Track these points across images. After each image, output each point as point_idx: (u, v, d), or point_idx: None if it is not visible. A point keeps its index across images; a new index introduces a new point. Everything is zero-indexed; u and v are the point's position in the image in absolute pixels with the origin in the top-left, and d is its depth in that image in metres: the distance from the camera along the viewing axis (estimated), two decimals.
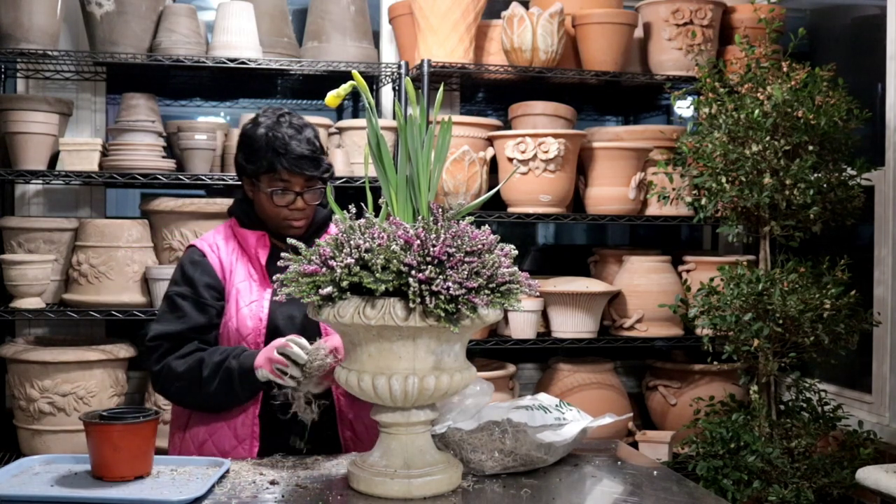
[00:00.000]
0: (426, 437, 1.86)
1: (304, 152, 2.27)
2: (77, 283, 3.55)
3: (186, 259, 2.35)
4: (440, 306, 1.66)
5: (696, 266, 3.94)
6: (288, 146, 2.26)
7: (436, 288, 1.66)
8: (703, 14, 3.94)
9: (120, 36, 3.56)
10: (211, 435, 2.26)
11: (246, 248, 2.35)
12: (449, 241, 1.70)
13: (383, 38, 4.24)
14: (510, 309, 1.77)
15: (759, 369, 3.30)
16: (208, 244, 2.36)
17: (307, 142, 2.29)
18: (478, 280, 1.69)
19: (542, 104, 4.01)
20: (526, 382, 4.24)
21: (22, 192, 3.93)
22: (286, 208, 2.30)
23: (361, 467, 1.85)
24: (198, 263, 2.32)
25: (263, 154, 2.27)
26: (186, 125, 3.65)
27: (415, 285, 1.67)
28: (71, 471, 1.91)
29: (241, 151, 2.35)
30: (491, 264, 1.73)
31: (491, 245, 1.77)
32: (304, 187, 2.29)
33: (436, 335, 1.74)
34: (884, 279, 3.58)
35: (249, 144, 2.32)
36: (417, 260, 1.68)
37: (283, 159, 2.25)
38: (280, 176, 2.27)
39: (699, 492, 1.94)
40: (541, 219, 3.85)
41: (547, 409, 2.09)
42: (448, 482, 1.83)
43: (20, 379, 3.44)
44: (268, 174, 2.28)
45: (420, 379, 1.75)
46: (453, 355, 1.80)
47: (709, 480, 3.22)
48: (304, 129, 2.32)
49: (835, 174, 3.30)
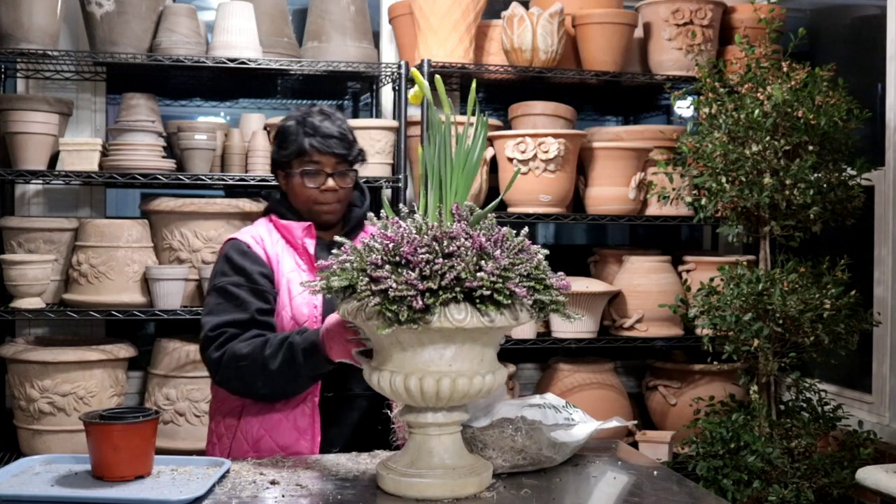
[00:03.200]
0: (459, 438, 1.85)
1: (334, 132, 2.33)
2: (77, 283, 3.55)
3: (232, 250, 2.33)
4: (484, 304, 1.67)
5: (696, 266, 3.94)
6: (318, 128, 2.32)
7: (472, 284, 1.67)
8: (703, 14, 3.94)
9: (120, 36, 3.56)
10: (269, 430, 2.24)
11: (291, 240, 2.34)
12: (484, 241, 1.71)
13: (383, 38, 4.24)
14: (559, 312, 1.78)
15: (759, 369, 3.30)
16: (251, 236, 2.36)
17: (337, 126, 2.35)
18: (517, 276, 1.70)
19: (542, 104, 4.01)
20: (526, 382, 4.24)
21: (22, 192, 3.93)
22: (318, 190, 2.32)
23: (390, 468, 1.85)
24: (246, 254, 2.31)
25: (294, 138, 2.33)
26: (186, 125, 3.65)
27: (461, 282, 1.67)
28: (71, 471, 1.91)
29: (275, 144, 2.40)
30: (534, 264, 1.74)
31: (525, 246, 1.77)
32: (335, 169, 2.33)
33: (469, 336, 1.73)
34: (884, 279, 3.58)
35: (282, 134, 2.38)
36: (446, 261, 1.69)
37: (312, 139, 2.31)
38: (311, 157, 2.32)
39: (699, 492, 1.94)
40: (541, 219, 3.85)
41: (557, 409, 2.09)
42: (479, 483, 1.81)
43: (20, 379, 3.44)
44: (298, 157, 2.33)
45: (453, 380, 1.74)
46: (487, 356, 1.79)
47: (709, 480, 3.22)
48: (335, 117, 2.38)
49: (835, 174, 3.30)
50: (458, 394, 1.75)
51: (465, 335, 1.72)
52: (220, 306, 2.26)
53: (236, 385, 2.23)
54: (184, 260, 3.62)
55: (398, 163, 3.82)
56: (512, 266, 1.71)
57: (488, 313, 1.68)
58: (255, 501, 1.78)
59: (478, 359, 1.77)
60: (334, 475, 1.94)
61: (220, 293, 2.28)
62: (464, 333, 1.71)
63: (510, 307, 1.71)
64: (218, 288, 2.29)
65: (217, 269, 2.33)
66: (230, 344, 2.19)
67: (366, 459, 2.06)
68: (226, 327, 2.22)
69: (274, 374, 2.14)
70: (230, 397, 2.31)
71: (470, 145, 1.85)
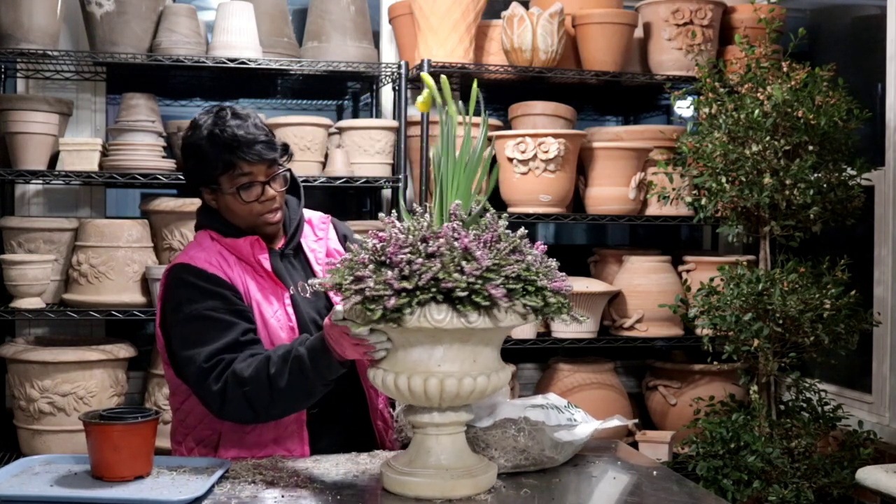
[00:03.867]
0: (461, 438, 1.85)
1: (257, 136, 2.12)
2: (77, 283, 3.55)
3: (190, 275, 2.12)
4: (479, 305, 1.66)
5: (696, 266, 3.94)
6: (239, 138, 2.11)
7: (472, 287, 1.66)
8: (703, 14, 3.94)
9: (120, 36, 3.56)
10: (254, 454, 2.14)
11: (243, 257, 2.18)
12: (477, 242, 1.70)
13: (383, 38, 4.24)
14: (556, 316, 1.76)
15: (759, 369, 3.30)
16: (207, 262, 2.15)
17: (255, 126, 2.14)
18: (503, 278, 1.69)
19: (542, 104, 4.01)
20: (526, 382, 4.24)
21: (22, 192, 3.93)
22: (257, 203, 2.15)
23: (391, 465, 1.85)
24: (209, 277, 2.11)
25: (215, 154, 2.12)
26: (186, 125, 3.65)
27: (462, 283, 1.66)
28: (71, 471, 1.91)
29: (189, 161, 2.19)
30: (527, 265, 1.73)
31: (518, 246, 1.75)
32: (268, 175, 2.15)
33: (456, 337, 1.73)
34: (884, 279, 3.58)
35: (196, 151, 2.16)
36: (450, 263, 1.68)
37: (238, 152, 2.11)
38: (241, 170, 2.12)
39: (699, 492, 1.94)
40: (541, 219, 3.85)
41: (560, 410, 2.09)
42: (474, 485, 1.81)
43: (20, 379, 3.44)
44: (226, 173, 2.13)
45: (440, 381, 1.74)
46: (482, 357, 1.79)
47: (709, 480, 3.22)
48: (247, 117, 2.17)
49: (835, 174, 3.30)
50: (447, 395, 1.75)
51: (452, 336, 1.72)
52: (205, 335, 2.05)
53: (245, 413, 2.03)
54: None
55: (398, 163, 3.82)
56: (499, 267, 1.69)
57: (466, 314, 1.67)
58: (255, 501, 1.78)
59: (469, 360, 1.76)
60: (334, 475, 1.94)
61: (198, 320, 2.07)
62: (448, 334, 1.71)
63: (490, 309, 1.69)
64: (193, 315, 2.08)
65: (179, 298, 2.11)
66: (228, 372, 2.01)
67: (365, 459, 2.06)
68: (220, 355, 2.03)
69: (284, 392, 1.97)
70: (200, 423, 2.17)
71: (467, 144, 1.85)
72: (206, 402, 2.06)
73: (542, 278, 1.74)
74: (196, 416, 2.18)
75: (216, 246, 2.19)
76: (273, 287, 2.19)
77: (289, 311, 2.18)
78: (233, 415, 2.05)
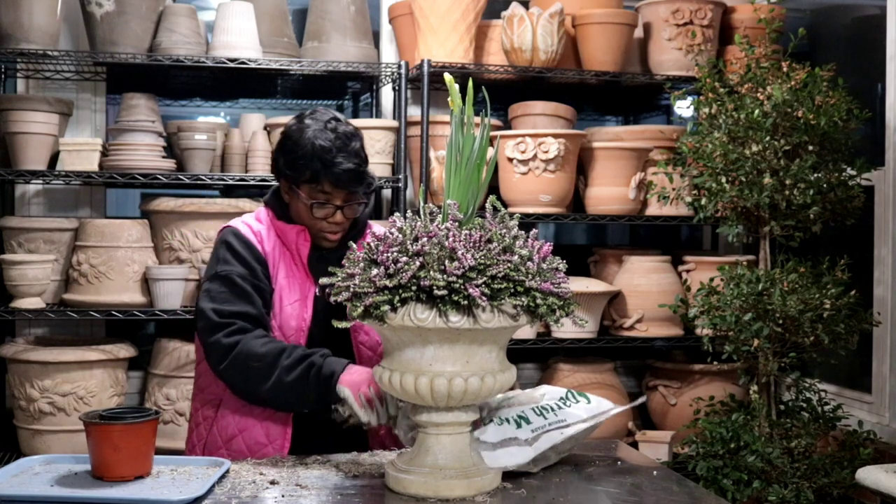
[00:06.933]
0: (462, 439, 1.85)
1: (351, 166, 2.16)
2: (77, 283, 3.55)
3: (234, 238, 2.22)
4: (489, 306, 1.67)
5: (696, 266, 3.94)
6: (335, 159, 2.15)
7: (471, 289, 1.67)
8: (703, 14, 3.94)
9: (120, 36, 3.56)
10: (242, 430, 2.19)
11: (286, 242, 2.25)
12: (469, 242, 1.70)
13: (383, 38, 4.24)
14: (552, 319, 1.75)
15: (759, 369, 3.30)
16: (252, 231, 2.24)
17: (354, 154, 2.18)
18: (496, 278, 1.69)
19: (542, 104, 4.01)
20: (526, 382, 4.24)
21: (22, 192, 3.93)
22: (324, 221, 2.21)
23: (393, 462, 1.86)
24: (249, 246, 2.20)
25: (308, 163, 2.17)
26: (186, 125, 3.65)
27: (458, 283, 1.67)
28: (71, 471, 1.91)
29: (283, 155, 2.23)
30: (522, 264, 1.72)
31: (509, 246, 1.74)
32: (345, 201, 2.20)
33: (445, 337, 1.73)
34: (884, 279, 3.59)
35: (293, 150, 2.20)
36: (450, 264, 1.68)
37: (328, 172, 2.15)
38: (322, 188, 2.18)
39: (699, 492, 1.94)
40: (541, 219, 3.85)
41: (553, 410, 2.07)
42: (467, 486, 1.80)
43: (20, 379, 3.44)
44: (309, 184, 2.19)
45: (430, 379, 1.74)
46: (488, 358, 1.79)
47: (709, 480, 3.22)
48: (352, 139, 2.20)
49: (835, 174, 3.30)
50: (438, 394, 1.75)
51: (439, 336, 1.72)
52: (225, 295, 2.15)
53: (238, 381, 2.14)
54: (184, 260, 3.62)
55: (398, 163, 3.82)
56: (485, 267, 1.69)
57: (447, 314, 1.68)
58: (255, 501, 1.78)
59: (461, 360, 1.76)
60: (334, 475, 1.94)
61: (224, 282, 2.17)
62: (434, 334, 1.71)
63: (471, 309, 1.68)
64: (222, 276, 2.17)
65: (218, 256, 2.22)
66: (243, 338, 2.09)
67: (366, 459, 2.06)
68: (235, 318, 2.12)
69: (285, 386, 2.06)
70: (213, 385, 2.23)
71: (468, 144, 1.86)
72: (209, 353, 2.15)
73: (534, 279, 1.72)
74: (207, 378, 2.26)
75: (266, 222, 2.28)
76: (303, 279, 2.24)
77: (308, 304, 2.22)
78: (227, 376, 2.14)
